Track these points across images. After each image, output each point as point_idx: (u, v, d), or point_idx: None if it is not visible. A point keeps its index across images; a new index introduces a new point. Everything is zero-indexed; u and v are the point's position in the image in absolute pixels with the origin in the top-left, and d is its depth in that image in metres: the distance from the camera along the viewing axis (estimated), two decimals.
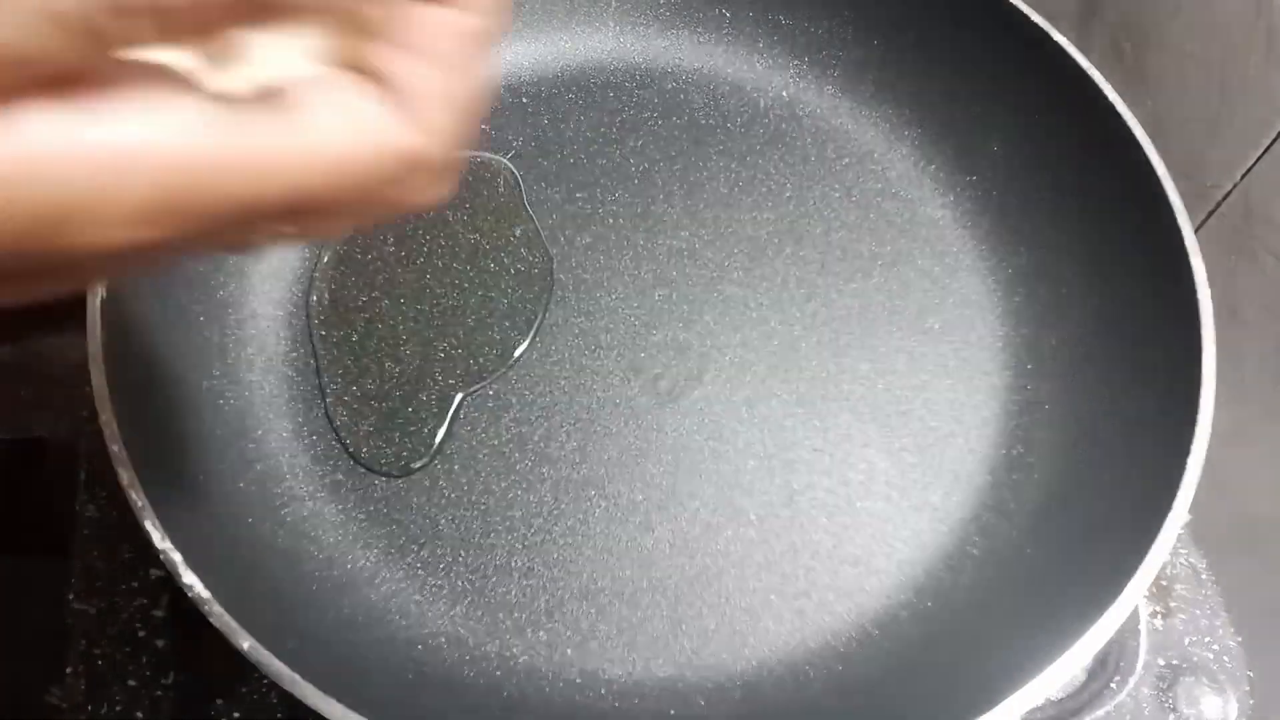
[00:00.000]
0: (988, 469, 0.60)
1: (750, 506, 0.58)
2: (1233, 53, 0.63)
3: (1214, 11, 0.64)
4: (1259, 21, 0.61)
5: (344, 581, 0.54)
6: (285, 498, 0.56)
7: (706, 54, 0.74)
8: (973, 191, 0.68)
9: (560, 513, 0.57)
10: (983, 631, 0.53)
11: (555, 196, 0.67)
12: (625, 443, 0.59)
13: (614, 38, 0.74)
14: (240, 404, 0.58)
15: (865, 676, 0.53)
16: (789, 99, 0.72)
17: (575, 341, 0.62)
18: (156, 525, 0.45)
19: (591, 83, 0.72)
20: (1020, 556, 0.56)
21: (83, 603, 0.56)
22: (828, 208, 0.68)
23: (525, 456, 0.59)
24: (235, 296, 0.61)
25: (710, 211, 0.67)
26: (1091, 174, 0.62)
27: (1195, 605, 0.59)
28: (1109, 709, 0.56)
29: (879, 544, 0.57)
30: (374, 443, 0.58)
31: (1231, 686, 0.57)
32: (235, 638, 0.43)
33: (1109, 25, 0.72)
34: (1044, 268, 0.64)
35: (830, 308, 0.64)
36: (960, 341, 0.64)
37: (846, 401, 0.61)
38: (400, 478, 0.57)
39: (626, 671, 0.54)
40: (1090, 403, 0.59)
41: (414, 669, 0.52)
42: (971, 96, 0.68)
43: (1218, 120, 0.65)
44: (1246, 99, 0.63)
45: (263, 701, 0.54)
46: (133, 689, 0.54)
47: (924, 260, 0.66)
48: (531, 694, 0.52)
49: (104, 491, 0.59)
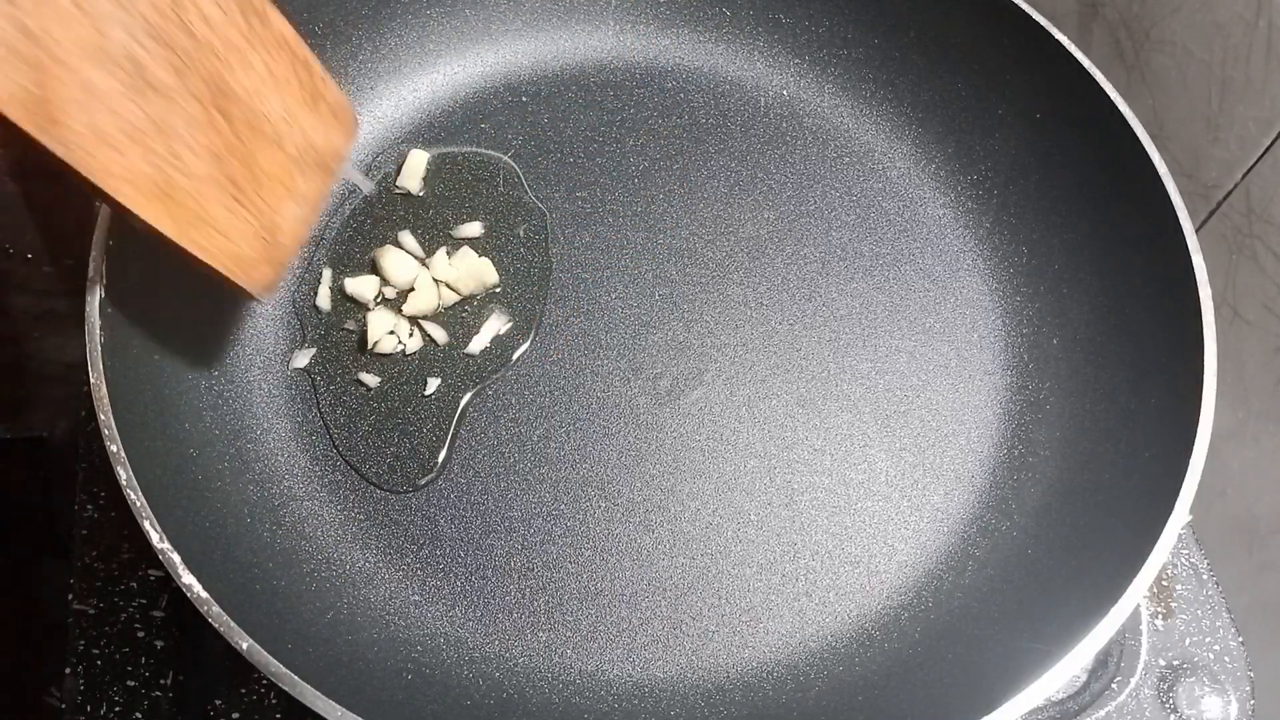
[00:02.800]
0: (989, 469, 0.60)
1: (750, 506, 0.58)
2: (1233, 53, 0.63)
3: (1214, 11, 0.63)
4: (1259, 21, 0.61)
5: (343, 581, 0.54)
6: (283, 498, 0.56)
7: (707, 53, 0.73)
8: (974, 191, 0.68)
9: (560, 513, 0.57)
10: (983, 632, 0.53)
11: (555, 195, 0.67)
12: (625, 443, 0.59)
13: (614, 36, 0.73)
14: (239, 404, 0.58)
15: (865, 677, 0.53)
16: (789, 98, 0.72)
17: (575, 341, 0.62)
18: (155, 525, 0.45)
19: (591, 81, 0.72)
20: (1021, 557, 0.55)
21: (82, 603, 0.56)
22: (828, 207, 0.68)
23: (525, 456, 0.59)
24: (235, 297, 0.60)
25: (710, 211, 0.67)
26: (1093, 173, 0.62)
27: (1196, 605, 0.59)
28: (1110, 709, 0.56)
29: (879, 544, 0.57)
30: (377, 459, 0.58)
31: (1233, 687, 0.57)
32: (234, 638, 0.43)
33: (1109, 24, 0.72)
34: (1045, 267, 0.64)
35: (830, 307, 0.64)
36: (961, 341, 0.63)
37: (847, 401, 0.61)
38: (407, 493, 0.57)
39: (626, 672, 0.53)
40: (1091, 402, 0.59)
41: (413, 669, 0.52)
42: (972, 96, 0.67)
43: (1218, 120, 0.65)
44: (1247, 99, 0.63)
45: (261, 702, 0.54)
46: (132, 689, 0.54)
47: (925, 260, 0.66)
48: (531, 694, 0.52)
49: (103, 491, 0.59)
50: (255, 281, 0.52)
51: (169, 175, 0.47)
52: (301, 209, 0.54)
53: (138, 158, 0.45)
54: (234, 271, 0.51)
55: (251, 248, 0.51)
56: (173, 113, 0.47)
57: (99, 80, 0.44)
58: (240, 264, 0.51)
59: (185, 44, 0.47)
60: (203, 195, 0.48)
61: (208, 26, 0.48)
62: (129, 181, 0.45)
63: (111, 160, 0.45)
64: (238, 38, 0.49)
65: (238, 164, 0.49)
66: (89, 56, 0.43)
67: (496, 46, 0.72)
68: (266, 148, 0.51)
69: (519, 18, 0.72)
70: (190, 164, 0.47)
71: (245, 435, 0.57)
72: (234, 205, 0.50)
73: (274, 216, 0.52)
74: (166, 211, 0.47)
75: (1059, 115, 0.63)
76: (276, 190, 0.52)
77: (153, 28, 0.45)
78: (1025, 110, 0.65)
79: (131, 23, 0.44)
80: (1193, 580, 0.60)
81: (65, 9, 0.42)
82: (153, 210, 0.47)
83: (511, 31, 0.72)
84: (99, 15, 0.43)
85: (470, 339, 0.62)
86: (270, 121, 0.51)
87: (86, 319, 0.49)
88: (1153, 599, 0.59)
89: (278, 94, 0.51)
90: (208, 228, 0.49)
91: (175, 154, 0.47)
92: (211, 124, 0.48)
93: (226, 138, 0.49)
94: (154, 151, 0.46)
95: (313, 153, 0.54)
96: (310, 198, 0.55)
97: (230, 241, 0.50)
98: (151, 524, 0.45)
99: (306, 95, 0.53)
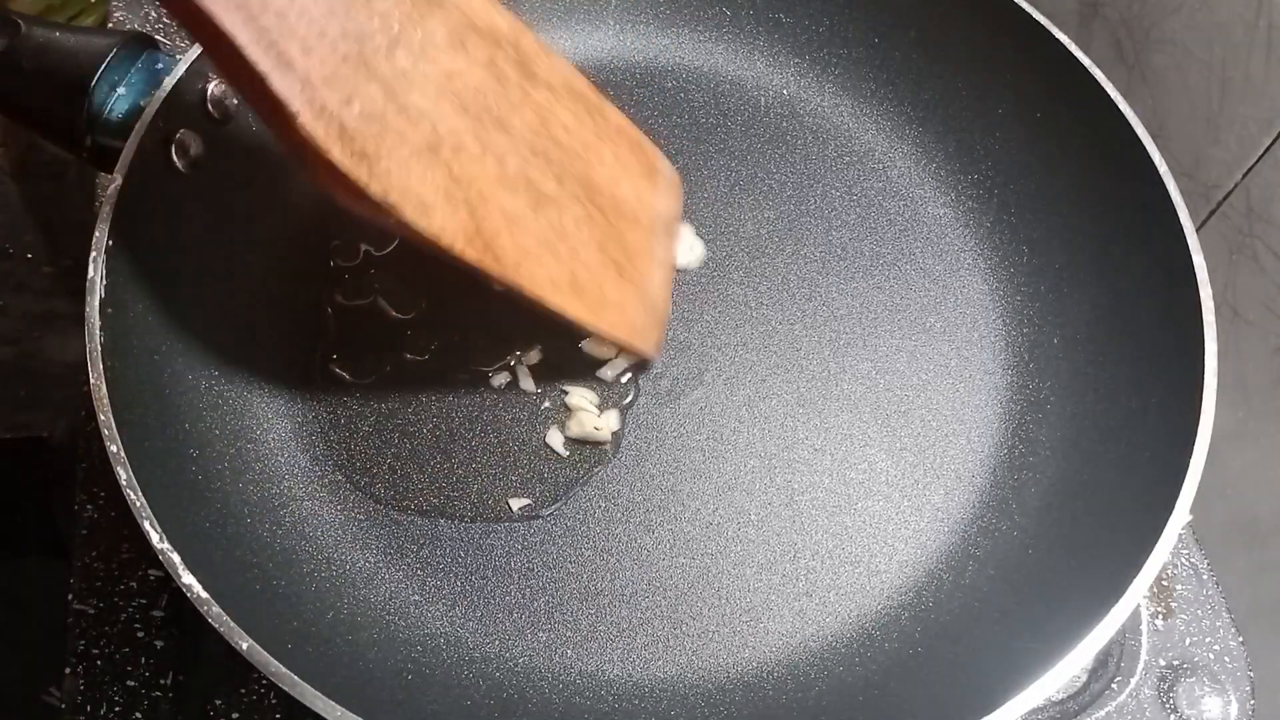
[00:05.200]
0: (989, 469, 0.59)
1: (750, 506, 0.58)
2: (1233, 53, 0.63)
3: (1214, 11, 0.63)
4: (1259, 21, 0.61)
5: (343, 581, 0.54)
6: (284, 498, 0.56)
7: (707, 52, 0.73)
8: (974, 191, 0.68)
9: (560, 513, 0.57)
10: (984, 632, 0.53)
11: None
12: (625, 442, 0.59)
13: (614, 36, 0.73)
14: (240, 404, 0.58)
15: (866, 677, 0.53)
16: (790, 97, 0.72)
17: None
18: (155, 525, 0.45)
19: (591, 80, 0.72)
20: (1022, 557, 0.55)
21: (82, 603, 0.56)
22: (828, 207, 0.68)
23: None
24: (235, 298, 0.60)
25: (710, 210, 0.67)
26: (1094, 173, 0.62)
27: (1196, 605, 0.59)
28: (1110, 709, 0.56)
29: (880, 544, 0.57)
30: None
31: (1233, 687, 0.57)
32: (234, 638, 0.43)
33: (1110, 24, 0.72)
34: (1046, 267, 0.64)
35: (831, 307, 0.64)
36: (962, 341, 0.63)
37: (847, 401, 0.61)
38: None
39: (626, 672, 0.53)
40: (1092, 402, 0.59)
41: (413, 669, 0.52)
42: (973, 95, 0.67)
43: (1218, 120, 0.65)
44: (1247, 99, 0.63)
45: (261, 702, 0.53)
46: (132, 689, 0.54)
47: (925, 259, 0.66)
48: (531, 694, 0.52)
49: (103, 491, 0.59)
50: (648, 343, 0.59)
51: (574, 271, 0.53)
52: (665, 272, 0.61)
53: (551, 262, 0.52)
54: (633, 340, 0.58)
55: (639, 315, 0.58)
56: (564, 216, 0.53)
57: (510, 204, 0.50)
58: (636, 332, 0.58)
59: (557, 154, 0.53)
60: (600, 281, 0.55)
61: (568, 133, 0.54)
62: (551, 284, 0.52)
63: (535, 269, 0.51)
64: (591, 137, 0.55)
65: (615, 247, 0.56)
66: (500, 186, 0.50)
67: None
68: (631, 228, 0.57)
69: (519, 16, 0.72)
70: (585, 257, 0.54)
71: (245, 435, 0.57)
72: (621, 283, 0.56)
73: (649, 284, 0.58)
74: (580, 301, 0.54)
75: (1060, 114, 0.63)
76: (646, 262, 0.58)
77: (533, 146, 0.52)
78: (1026, 110, 0.65)
79: (519, 147, 0.51)
80: (1193, 580, 0.60)
81: (474, 151, 0.49)
82: (570, 303, 0.53)
83: None
84: (497, 148, 0.50)
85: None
86: (629, 204, 0.57)
87: (86, 319, 0.49)
88: (1153, 599, 0.59)
89: (627, 178, 0.57)
90: (608, 307, 0.55)
91: (574, 251, 0.53)
92: (590, 218, 0.54)
93: (604, 227, 0.55)
94: (559, 253, 0.53)
95: (661, 221, 0.60)
96: (668, 261, 0.61)
97: (625, 315, 0.57)
98: (151, 524, 0.44)
99: (644, 171, 0.59)
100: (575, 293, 0.53)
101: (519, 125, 0.51)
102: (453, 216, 0.48)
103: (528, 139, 0.52)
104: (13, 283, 0.70)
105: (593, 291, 0.54)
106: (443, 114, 0.48)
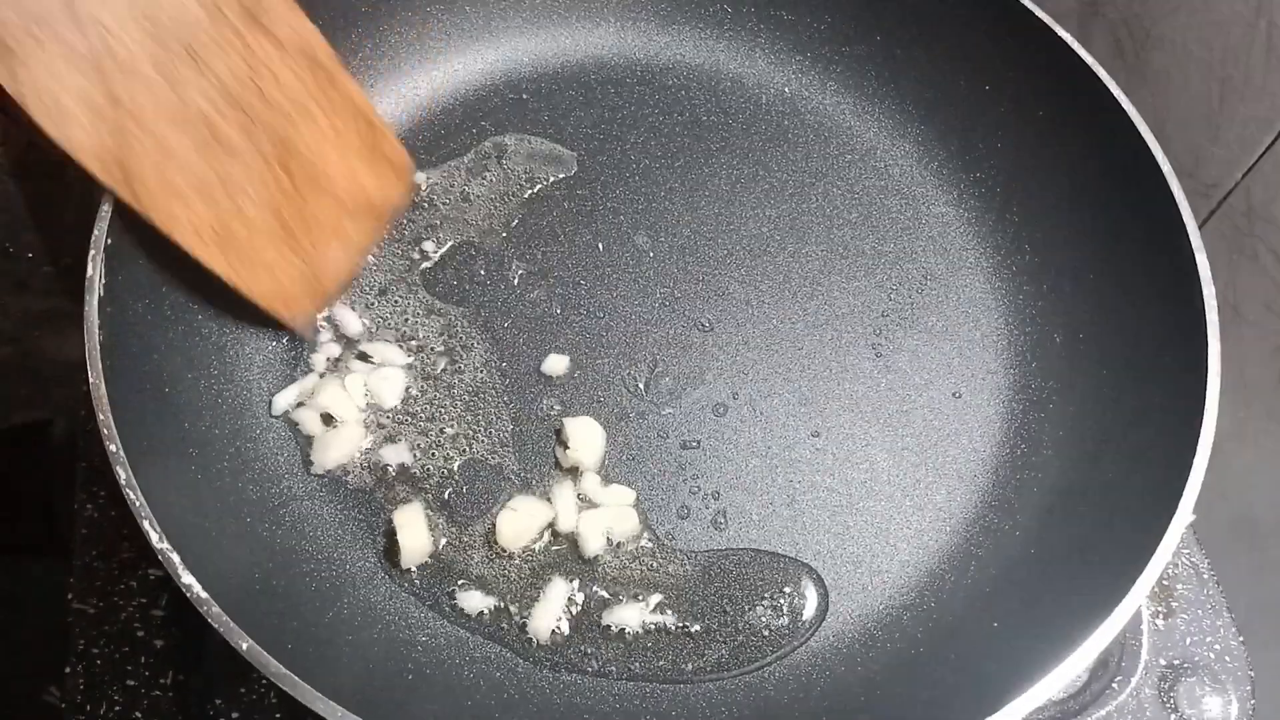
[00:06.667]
0: (991, 468, 0.59)
1: (751, 506, 0.58)
2: (1233, 52, 0.63)
3: (1214, 10, 0.63)
4: (1259, 21, 0.60)
5: (342, 581, 0.54)
6: (283, 498, 0.56)
7: (708, 50, 0.73)
8: (976, 189, 0.68)
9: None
10: (986, 632, 0.53)
11: (555, 193, 0.67)
12: (626, 442, 0.59)
13: (615, 34, 0.73)
14: (239, 403, 0.58)
15: (867, 677, 0.53)
16: (791, 95, 0.72)
17: (576, 339, 0.62)
18: (155, 525, 0.44)
19: (592, 79, 0.72)
20: (1024, 557, 0.55)
21: (82, 602, 0.56)
22: (830, 205, 0.68)
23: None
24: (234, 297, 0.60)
25: (712, 209, 0.67)
26: (1096, 171, 0.62)
27: (1197, 605, 0.59)
28: (1110, 709, 0.56)
29: (881, 544, 0.57)
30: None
31: (1233, 686, 0.57)
32: (234, 638, 0.43)
33: (1110, 23, 0.72)
34: (1048, 265, 0.64)
35: (832, 306, 0.64)
36: (963, 340, 0.63)
37: (848, 401, 0.61)
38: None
39: (626, 673, 0.53)
40: (1094, 401, 0.59)
41: (414, 669, 0.52)
42: (975, 94, 0.67)
43: (1218, 119, 0.65)
44: (1247, 98, 0.63)
45: (261, 702, 0.53)
46: (132, 689, 0.54)
47: (927, 258, 0.66)
48: (532, 694, 0.52)
49: (103, 491, 0.59)
50: (296, 314, 0.58)
51: (228, 224, 0.52)
52: (347, 251, 0.59)
53: (202, 208, 0.51)
54: (277, 307, 0.56)
55: (295, 285, 0.56)
56: (238, 168, 0.52)
57: (173, 139, 0.49)
58: (284, 300, 0.56)
59: (257, 106, 0.52)
60: (257, 242, 0.53)
61: (280, 90, 0.53)
62: (193, 230, 0.51)
63: (179, 210, 0.50)
64: (306, 99, 0.54)
65: (292, 211, 0.54)
66: (166, 119, 0.48)
67: (497, 44, 0.72)
68: (321, 197, 0.56)
69: (519, 15, 0.72)
70: (249, 214, 0.53)
71: (245, 435, 0.57)
72: (283, 249, 0.55)
73: (320, 258, 0.57)
74: (222, 256, 0.52)
75: (1062, 113, 0.63)
76: (324, 235, 0.57)
77: (229, 91, 0.50)
78: (1028, 108, 0.65)
79: (209, 88, 0.50)
80: (1193, 580, 0.60)
81: (150, 78, 0.47)
82: (210, 255, 0.52)
83: (512, 29, 0.72)
84: (179, 82, 0.48)
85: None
86: (328, 174, 0.56)
87: (86, 319, 0.49)
88: (1154, 599, 0.59)
89: (339, 151, 0.56)
90: (257, 269, 0.54)
91: (237, 206, 0.52)
92: (274, 179, 0.53)
93: (285, 189, 0.54)
94: (217, 203, 0.51)
95: (365, 201, 0.59)
96: (358, 241, 0.60)
97: (276, 281, 0.55)
98: (151, 524, 0.44)
99: (365, 148, 0.58)
100: (220, 245, 0.52)
101: (221, 68, 0.50)
102: (93, 133, 0.46)
103: (225, 82, 0.50)
104: (12, 282, 0.70)
105: (243, 249, 0.53)
106: (127, 32, 0.46)
